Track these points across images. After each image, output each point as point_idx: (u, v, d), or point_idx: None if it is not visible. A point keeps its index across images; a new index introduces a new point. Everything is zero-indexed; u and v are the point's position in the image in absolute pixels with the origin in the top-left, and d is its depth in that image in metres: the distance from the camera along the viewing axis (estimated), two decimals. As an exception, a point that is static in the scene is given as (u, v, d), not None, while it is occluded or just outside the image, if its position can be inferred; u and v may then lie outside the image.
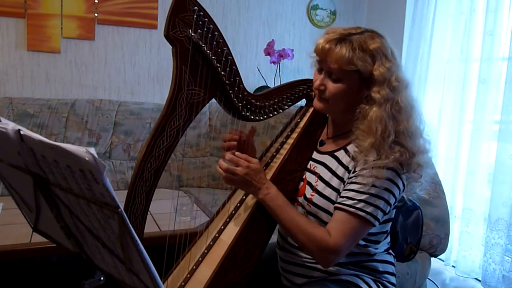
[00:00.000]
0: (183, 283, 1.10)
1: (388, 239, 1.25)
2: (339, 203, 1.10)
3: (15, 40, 2.80)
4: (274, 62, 3.08)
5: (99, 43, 2.99)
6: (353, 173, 1.11)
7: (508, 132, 2.39)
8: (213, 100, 1.18)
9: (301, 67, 3.43)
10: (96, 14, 2.92)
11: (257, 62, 3.34)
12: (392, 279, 1.24)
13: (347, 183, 1.12)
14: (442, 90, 2.86)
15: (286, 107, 1.29)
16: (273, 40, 3.09)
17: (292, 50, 3.12)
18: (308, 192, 1.19)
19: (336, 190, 1.14)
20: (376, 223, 1.08)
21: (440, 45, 2.85)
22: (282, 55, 3.07)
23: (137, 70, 3.10)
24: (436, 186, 2.05)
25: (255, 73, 3.31)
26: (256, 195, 1.14)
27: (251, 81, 3.28)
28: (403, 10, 3.13)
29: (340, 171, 1.15)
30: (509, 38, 2.39)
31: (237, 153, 1.16)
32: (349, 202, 1.07)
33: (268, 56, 3.09)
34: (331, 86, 1.12)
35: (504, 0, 2.43)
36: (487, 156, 2.54)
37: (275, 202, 1.12)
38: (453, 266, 2.73)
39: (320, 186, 1.17)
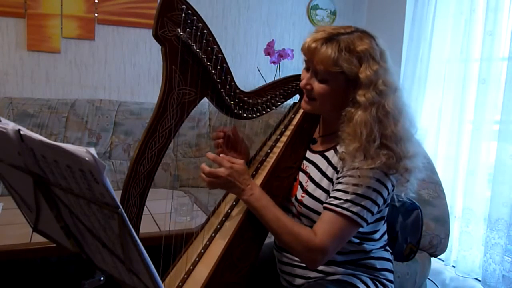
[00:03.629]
0: (180, 284, 1.10)
1: (385, 237, 1.25)
2: (326, 203, 1.09)
3: (15, 40, 2.80)
4: (274, 62, 3.09)
5: (99, 43, 2.99)
6: (341, 173, 1.10)
7: (508, 132, 2.39)
8: (211, 99, 1.18)
9: (301, 67, 3.39)
10: (96, 14, 2.92)
11: (257, 62, 3.34)
12: (390, 276, 1.23)
13: (335, 183, 1.11)
14: (442, 90, 2.86)
15: (279, 103, 1.28)
16: (273, 40, 3.09)
17: (292, 50, 3.12)
18: (299, 193, 1.18)
19: (326, 191, 1.13)
20: (364, 224, 1.07)
21: (440, 45, 2.85)
22: (282, 55, 3.07)
23: (137, 70, 3.10)
24: (436, 186, 2.05)
25: (255, 73, 3.31)
26: (240, 196, 1.12)
27: (251, 81, 3.28)
28: (403, 10, 3.13)
29: (329, 171, 1.15)
30: (509, 38, 2.39)
31: (221, 154, 1.15)
32: (336, 202, 1.06)
33: (268, 56, 3.09)
34: (317, 86, 1.11)
35: (504, 0, 2.43)
36: (487, 156, 2.54)
37: (260, 202, 1.10)
38: (453, 266, 2.73)
39: (311, 187, 1.16)
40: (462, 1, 2.71)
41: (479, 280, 2.54)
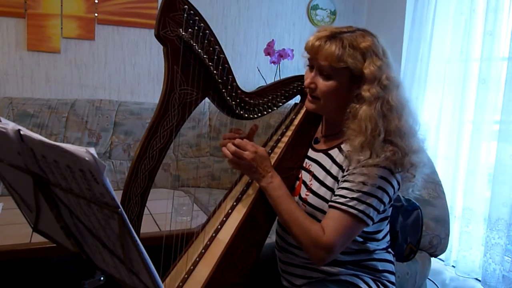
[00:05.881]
0: (181, 283, 1.10)
1: (388, 237, 1.25)
2: (332, 201, 1.10)
3: (15, 40, 2.80)
4: (274, 62, 3.08)
5: (99, 43, 2.99)
6: (346, 171, 1.11)
7: (508, 132, 2.39)
8: (212, 100, 1.18)
9: (301, 67, 3.39)
10: (96, 14, 2.92)
11: (257, 62, 3.34)
12: (392, 278, 1.23)
13: (341, 181, 1.11)
14: (442, 90, 2.86)
15: (281, 104, 1.28)
16: (273, 40, 3.09)
17: (292, 50, 3.11)
18: (303, 191, 1.19)
19: (331, 189, 1.14)
20: (370, 222, 1.07)
21: (440, 45, 2.85)
22: (282, 55, 3.07)
23: (137, 70, 3.10)
24: (436, 186, 2.05)
25: (255, 73, 3.31)
26: (259, 182, 1.14)
27: (251, 81, 3.28)
28: (403, 10, 3.13)
29: (334, 169, 1.15)
30: (509, 38, 2.39)
31: (245, 139, 1.16)
32: (342, 200, 1.07)
33: (268, 56, 3.09)
34: (322, 84, 1.12)
35: (504, 0, 2.43)
36: (487, 156, 2.54)
37: (277, 192, 1.12)
38: (453, 266, 2.73)
39: (315, 185, 1.17)
40: (462, 1, 2.71)
41: (479, 280, 2.54)
